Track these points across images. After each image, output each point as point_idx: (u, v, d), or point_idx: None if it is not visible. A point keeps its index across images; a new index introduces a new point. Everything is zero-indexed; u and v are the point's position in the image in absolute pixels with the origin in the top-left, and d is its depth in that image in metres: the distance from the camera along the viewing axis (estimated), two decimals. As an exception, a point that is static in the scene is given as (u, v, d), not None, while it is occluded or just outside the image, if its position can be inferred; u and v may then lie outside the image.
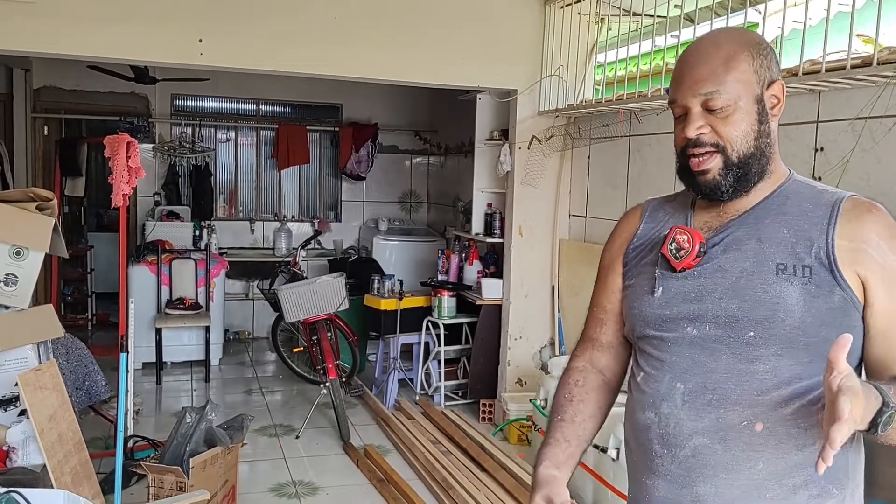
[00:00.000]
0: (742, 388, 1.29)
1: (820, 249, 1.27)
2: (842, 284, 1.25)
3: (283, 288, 4.96)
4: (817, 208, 1.31)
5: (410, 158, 8.08)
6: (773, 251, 1.30)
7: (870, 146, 2.62)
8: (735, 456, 1.29)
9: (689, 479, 1.33)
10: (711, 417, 1.30)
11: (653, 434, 1.37)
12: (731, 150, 1.30)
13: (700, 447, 1.31)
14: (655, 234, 1.46)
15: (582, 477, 3.57)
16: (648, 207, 1.52)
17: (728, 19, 3.22)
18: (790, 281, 1.27)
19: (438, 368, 5.23)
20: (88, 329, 7.30)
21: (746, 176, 1.32)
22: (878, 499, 2.47)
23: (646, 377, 1.41)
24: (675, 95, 1.34)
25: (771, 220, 1.33)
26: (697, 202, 1.43)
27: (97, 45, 3.92)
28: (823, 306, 1.25)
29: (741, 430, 1.29)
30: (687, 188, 1.40)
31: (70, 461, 2.95)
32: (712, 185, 1.32)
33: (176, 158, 7.35)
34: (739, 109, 1.29)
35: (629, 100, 3.81)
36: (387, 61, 4.40)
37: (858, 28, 2.67)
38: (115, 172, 3.31)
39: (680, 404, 1.33)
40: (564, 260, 4.78)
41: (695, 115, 1.31)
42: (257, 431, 4.75)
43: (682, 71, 1.34)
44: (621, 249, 1.51)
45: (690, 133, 1.31)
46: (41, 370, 2.93)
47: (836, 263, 1.26)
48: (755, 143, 1.31)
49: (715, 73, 1.29)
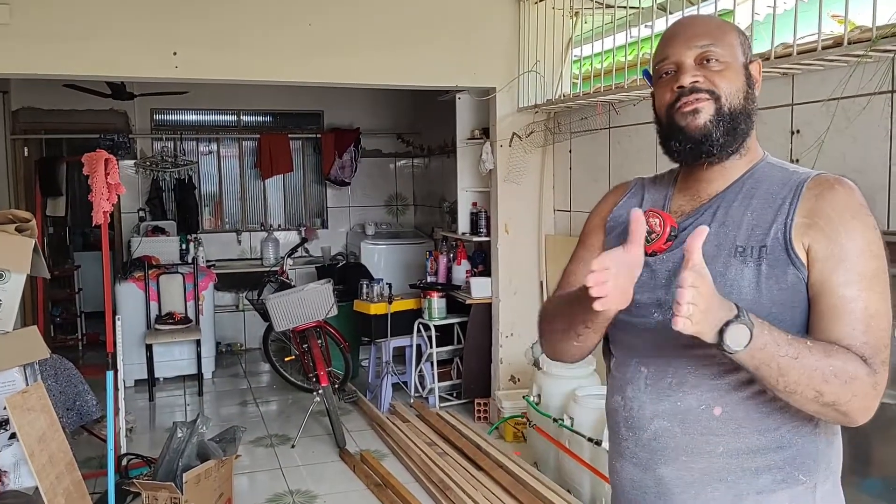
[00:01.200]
0: (700, 372, 1.30)
1: (778, 230, 1.26)
2: (795, 262, 1.24)
3: (272, 297, 4.95)
4: (783, 189, 1.30)
5: (394, 161, 8.08)
6: (734, 234, 1.30)
7: (844, 126, 2.63)
8: (694, 439, 1.30)
9: (652, 462, 1.35)
10: (671, 401, 1.32)
11: (619, 417, 1.40)
12: (724, 99, 1.30)
13: (660, 430, 1.33)
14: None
15: (579, 471, 3.58)
16: (635, 184, 1.53)
17: (699, 7, 3.23)
18: (746, 263, 1.27)
19: (431, 370, 5.22)
20: (79, 349, 7.26)
21: (735, 131, 1.31)
22: (873, 476, 2.48)
23: (616, 362, 1.44)
24: (667, 52, 1.34)
25: (738, 203, 1.32)
26: (679, 181, 1.43)
27: (71, 63, 3.90)
28: (775, 286, 1.25)
29: (700, 414, 1.30)
30: (671, 152, 1.37)
31: (62, 482, 2.93)
32: (703, 133, 1.30)
33: (159, 173, 7.32)
34: (731, 66, 1.32)
35: (607, 92, 3.82)
36: (364, 66, 4.39)
37: (831, 9, 2.68)
38: (95, 190, 3.29)
39: (643, 387, 1.35)
40: (551, 255, 4.79)
41: (689, 66, 1.31)
42: (253, 442, 4.73)
43: (676, 31, 1.37)
44: (603, 220, 1.52)
45: (686, 80, 1.30)
46: (28, 392, 2.91)
47: (790, 242, 1.25)
48: (744, 102, 1.32)
49: (710, 32, 1.33)
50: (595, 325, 1.32)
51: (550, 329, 1.45)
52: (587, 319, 1.30)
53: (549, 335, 1.46)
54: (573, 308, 1.32)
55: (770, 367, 1.15)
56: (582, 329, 1.33)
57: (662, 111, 1.35)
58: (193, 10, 4.05)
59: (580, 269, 1.49)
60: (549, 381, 3.97)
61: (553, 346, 1.47)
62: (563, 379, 3.89)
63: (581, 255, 1.53)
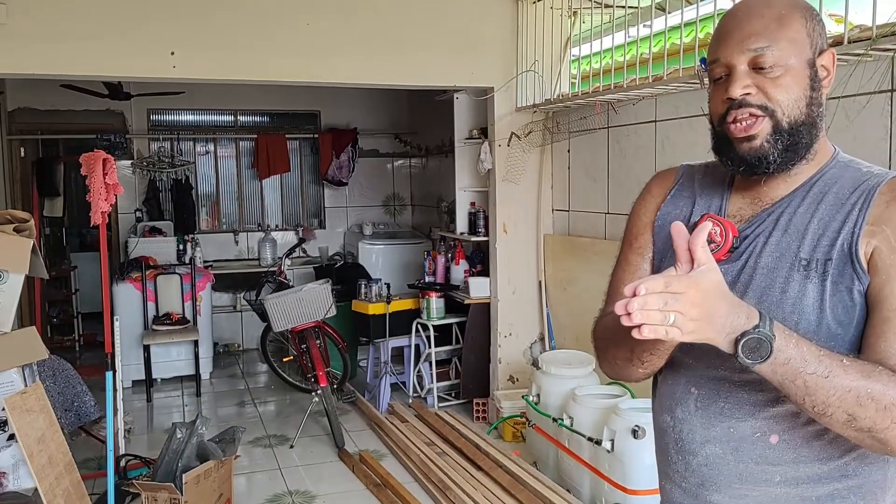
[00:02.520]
0: (754, 398, 1.19)
1: (845, 241, 1.14)
2: (859, 275, 1.13)
3: (270, 298, 4.94)
4: (854, 193, 1.17)
5: (392, 161, 8.07)
6: (797, 245, 1.17)
7: (844, 125, 2.64)
8: (749, 468, 1.20)
9: (703, 488, 1.25)
10: (723, 427, 1.22)
11: (669, 438, 1.30)
12: (781, 114, 1.15)
13: (712, 457, 1.23)
14: (685, 211, 1.32)
15: (578, 470, 3.58)
16: (682, 174, 1.37)
17: (698, 7, 3.23)
18: (809, 278, 1.15)
19: (430, 370, 5.22)
20: (76, 350, 7.24)
21: (796, 146, 1.17)
22: None
23: (664, 378, 1.32)
24: (718, 53, 1.18)
25: (804, 209, 1.19)
26: (736, 181, 1.28)
27: (69, 63, 3.89)
28: (839, 305, 1.13)
29: (755, 442, 1.19)
30: (725, 165, 1.23)
31: (62, 483, 2.92)
32: (758, 155, 1.16)
33: (155, 174, 7.30)
34: (791, 70, 1.15)
35: (605, 91, 3.82)
36: (362, 65, 4.38)
37: (830, 8, 2.68)
38: (93, 190, 3.28)
39: (693, 410, 1.25)
40: (550, 255, 4.79)
41: (740, 72, 1.16)
42: (251, 443, 4.73)
43: (729, 26, 1.19)
44: (651, 219, 1.36)
45: (735, 92, 1.15)
46: (27, 393, 2.90)
47: (857, 252, 1.13)
48: (807, 110, 1.17)
49: (767, 29, 1.15)
50: (660, 351, 1.19)
51: (611, 356, 1.29)
52: (652, 347, 1.18)
53: (610, 360, 1.31)
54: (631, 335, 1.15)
55: (795, 384, 1.06)
56: (647, 357, 1.21)
57: (715, 120, 1.23)
58: (191, 10, 4.04)
59: (630, 278, 1.33)
60: (548, 380, 3.97)
61: (615, 371, 1.32)
62: (563, 378, 3.89)
63: (631, 261, 1.36)
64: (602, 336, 1.33)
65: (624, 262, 1.38)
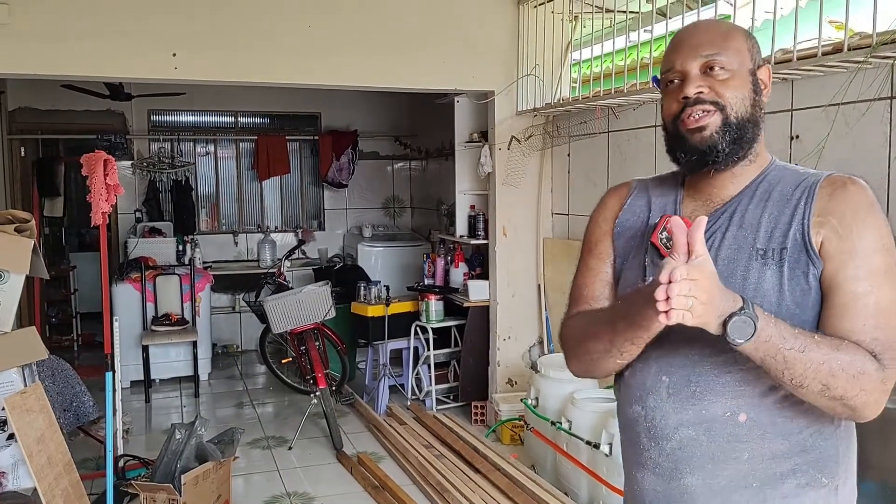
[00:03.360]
0: (724, 379, 1.29)
1: (797, 231, 1.27)
2: (814, 260, 1.25)
3: (269, 299, 4.94)
4: (797, 190, 1.31)
5: (392, 164, 8.07)
6: (753, 237, 1.30)
7: (844, 132, 2.65)
8: (720, 447, 1.30)
9: (677, 472, 1.34)
10: (695, 409, 1.31)
11: (640, 427, 1.38)
12: (730, 109, 1.30)
13: (685, 439, 1.32)
14: (642, 217, 1.44)
15: (576, 473, 3.58)
16: (636, 185, 1.51)
17: (699, 13, 3.24)
18: (767, 265, 1.27)
19: (428, 372, 5.22)
20: (74, 350, 7.23)
21: (741, 140, 1.31)
22: (870, 479, 2.49)
23: (632, 371, 1.39)
24: (673, 62, 1.34)
25: (754, 205, 1.33)
26: (687, 186, 1.42)
27: (71, 63, 3.90)
28: (798, 288, 1.26)
29: (725, 422, 1.30)
30: (677, 160, 1.37)
31: (61, 483, 2.92)
32: (709, 144, 1.30)
33: (155, 174, 7.30)
34: (737, 74, 1.31)
35: (606, 96, 3.83)
36: (363, 68, 4.39)
37: (830, 14, 2.69)
38: (94, 190, 3.29)
39: (665, 397, 1.34)
40: (549, 258, 4.80)
41: (694, 76, 1.31)
42: (249, 444, 4.73)
43: (681, 40, 1.36)
44: (610, 227, 1.48)
45: (690, 91, 1.30)
46: (27, 393, 2.90)
47: (809, 240, 1.26)
48: (752, 109, 1.32)
49: (715, 41, 1.32)
50: (642, 339, 1.28)
51: (585, 350, 1.39)
52: (634, 336, 1.27)
53: (583, 356, 1.40)
54: (616, 326, 1.29)
55: (776, 359, 1.17)
56: (627, 346, 1.30)
57: (669, 120, 1.36)
58: (193, 11, 4.05)
59: (593, 281, 1.47)
60: (547, 384, 3.97)
61: (588, 366, 1.42)
62: (561, 382, 3.90)
63: (592, 266, 1.48)
64: (575, 333, 1.42)
65: (585, 268, 1.50)
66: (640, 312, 1.21)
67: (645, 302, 1.17)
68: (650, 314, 1.16)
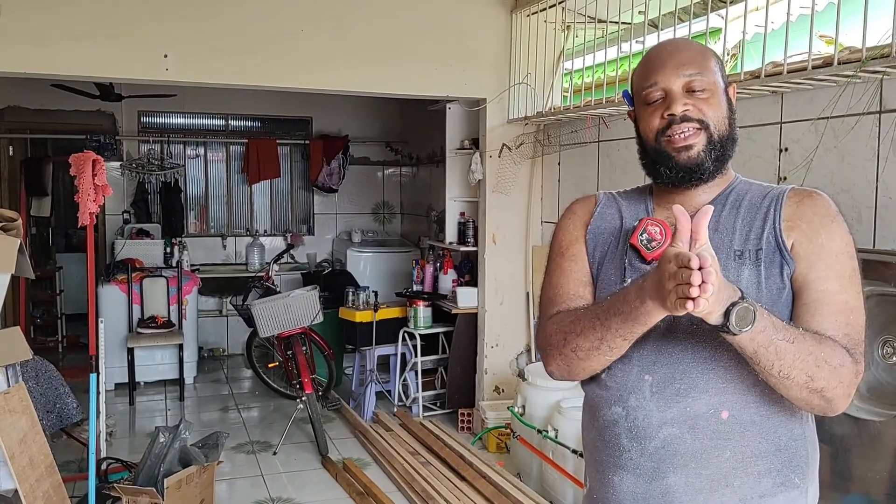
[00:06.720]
0: (707, 376, 1.32)
1: (770, 233, 1.33)
2: (787, 260, 1.31)
3: (257, 303, 4.92)
4: (765, 200, 1.37)
5: (382, 169, 8.07)
6: (729, 239, 1.35)
7: (833, 145, 2.66)
8: (704, 445, 1.32)
9: (660, 471, 1.34)
10: (679, 407, 1.32)
11: (620, 428, 1.37)
12: (713, 128, 1.35)
13: (669, 438, 1.33)
14: (614, 223, 1.47)
15: (562, 482, 3.58)
16: (603, 197, 1.54)
17: (691, 25, 3.26)
18: (745, 264, 1.32)
19: (416, 379, 5.21)
20: (59, 351, 7.18)
21: (723, 157, 1.36)
22: (855, 492, 2.50)
23: (610, 373, 1.39)
24: (656, 78, 1.36)
25: (727, 211, 1.38)
26: (656, 196, 1.45)
27: (61, 63, 3.88)
28: (773, 286, 1.31)
29: (708, 419, 1.31)
30: (658, 175, 1.39)
31: (42, 485, 2.89)
32: (696, 163, 1.34)
33: (145, 176, 7.26)
34: (715, 93, 1.36)
35: (597, 106, 3.84)
36: (355, 73, 4.39)
37: (821, 29, 2.72)
38: (82, 191, 3.27)
39: (648, 396, 1.34)
40: (538, 266, 4.80)
41: (678, 94, 1.34)
42: (234, 449, 4.70)
43: (662, 58, 1.38)
44: (582, 232, 1.49)
45: (677, 109, 1.33)
46: (10, 393, 2.88)
47: (783, 243, 1.32)
48: (729, 127, 1.37)
49: (695, 60, 1.36)
50: (635, 335, 1.27)
51: (571, 348, 1.35)
52: (628, 332, 1.27)
53: (569, 354, 1.36)
54: (608, 322, 1.28)
55: (768, 350, 1.19)
56: (618, 342, 1.29)
57: (651, 136, 1.38)
58: (185, 12, 4.04)
59: (568, 281, 1.45)
60: (533, 392, 3.97)
61: (572, 365, 1.38)
62: (548, 390, 3.90)
63: (566, 268, 1.47)
64: (561, 330, 1.39)
65: (558, 270, 1.49)
66: (639, 307, 1.21)
67: (648, 296, 1.18)
68: (651, 307, 1.18)
